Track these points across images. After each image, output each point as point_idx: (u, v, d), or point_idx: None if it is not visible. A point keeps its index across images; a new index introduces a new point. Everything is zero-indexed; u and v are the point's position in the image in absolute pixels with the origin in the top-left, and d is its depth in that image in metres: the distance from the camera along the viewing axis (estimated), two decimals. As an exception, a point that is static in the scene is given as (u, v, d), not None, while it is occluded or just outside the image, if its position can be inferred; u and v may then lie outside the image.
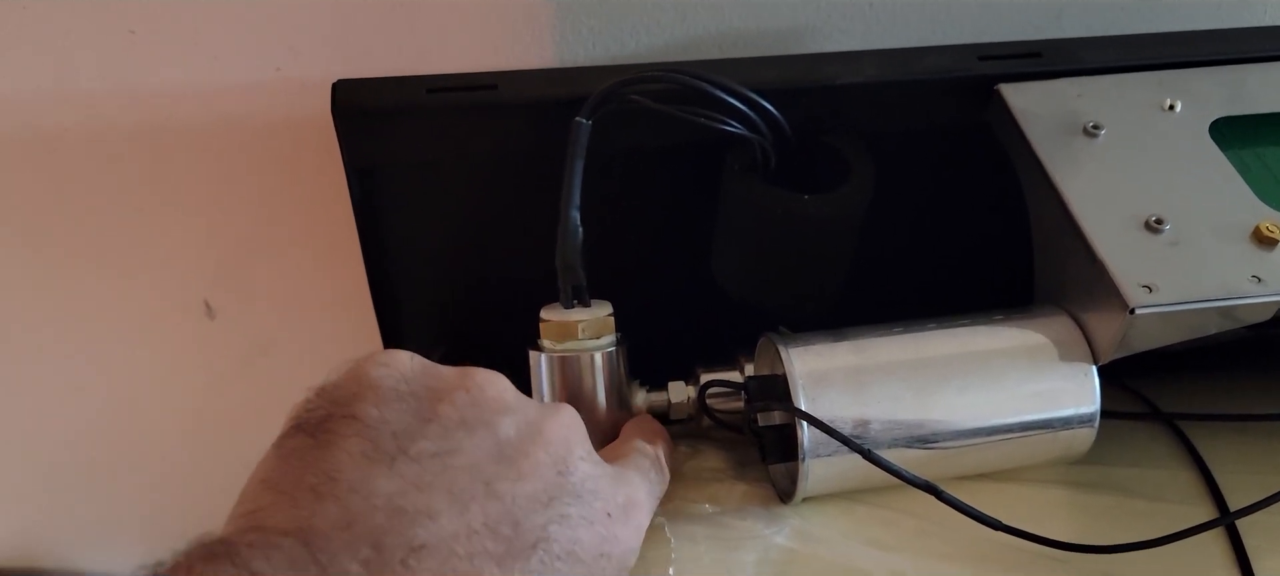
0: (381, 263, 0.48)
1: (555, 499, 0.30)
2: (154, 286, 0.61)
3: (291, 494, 0.26)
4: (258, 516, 0.26)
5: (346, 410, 0.29)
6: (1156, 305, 0.36)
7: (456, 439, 0.29)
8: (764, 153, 0.43)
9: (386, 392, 0.29)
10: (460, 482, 0.28)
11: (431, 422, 0.29)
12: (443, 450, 0.28)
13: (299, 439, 0.28)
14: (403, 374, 0.30)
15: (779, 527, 0.40)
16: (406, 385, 0.30)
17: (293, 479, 0.27)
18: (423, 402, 0.30)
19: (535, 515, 0.29)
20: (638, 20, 0.51)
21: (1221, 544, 0.39)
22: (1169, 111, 0.44)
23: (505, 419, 0.30)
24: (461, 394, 0.30)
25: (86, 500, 0.75)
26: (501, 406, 0.31)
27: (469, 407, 0.30)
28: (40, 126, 0.53)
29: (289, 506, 0.26)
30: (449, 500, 0.27)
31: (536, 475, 0.29)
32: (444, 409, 0.30)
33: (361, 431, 0.28)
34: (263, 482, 0.27)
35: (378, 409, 0.29)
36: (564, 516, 0.29)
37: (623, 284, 0.42)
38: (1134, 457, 0.44)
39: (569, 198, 0.40)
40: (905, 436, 0.38)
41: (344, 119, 0.43)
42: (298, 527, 0.25)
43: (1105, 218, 0.39)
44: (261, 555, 0.24)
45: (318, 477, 0.27)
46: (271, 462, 0.28)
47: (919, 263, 0.50)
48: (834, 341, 0.40)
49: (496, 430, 0.30)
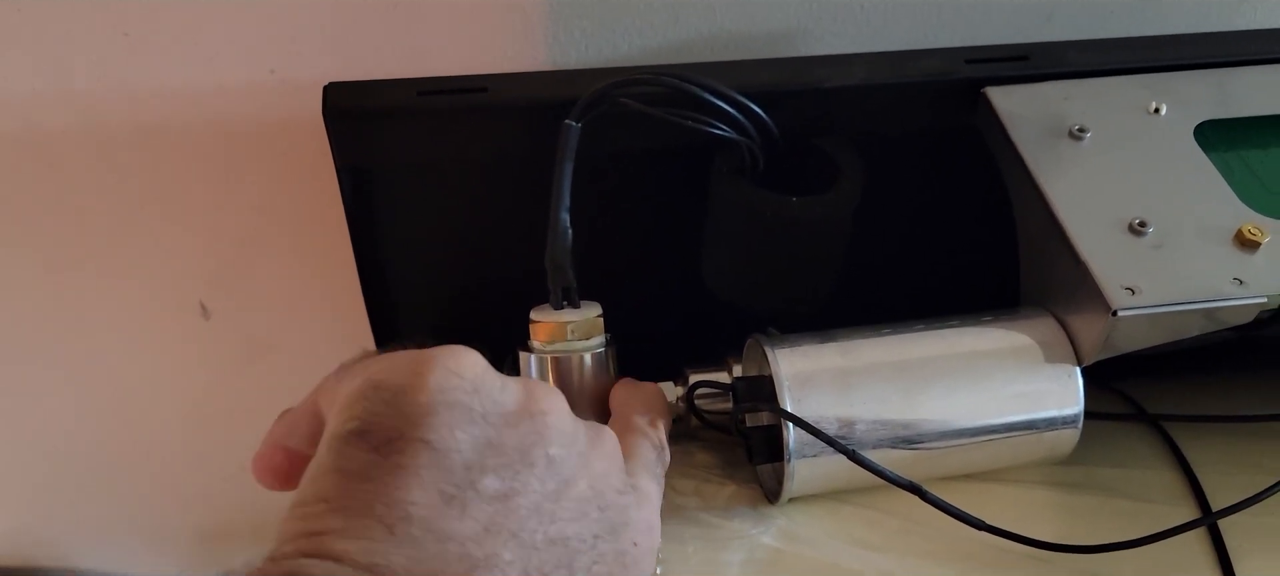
0: (373, 264, 0.48)
1: (599, 537, 0.29)
2: (149, 287, 0.61)
3: (362, 521, 0.25)
4: (326, 542, 0.25)
5: (419, 432, 0.27)
6: (1139, 307, 0.36)
7: (521, 476, 0.28)
8: (752, 155, 0.43)
9: (459, 412, 0.28)
10: (526, 527, 0.27)
11: (498, 454, 0.28)
12: (509, 491, 0.28)
13: (364, 453, 0.27)
14: (474, 385, 0.29)
15: (765, 527, 0.41)
16: (478, 402, 0.29)
17: (361, 504, 0.26)
18: (492, 427, 0.29)
19: (583, 555, 0.29)
20: (630, 22, 0.52)
21: (1204, 544, 0.40)
22: (1154, 114, 0.44)
23: (563, 452, 0.30)
24: (526, 421, 0.29)
25: (83, 499, 0.75)
26: (560, 436, 0.30)
27: (531, 436, 0.29)
28: (35, 127, 0.53)
29: (360, 537, 0.25)
30: (516, 547, 0.27)
31: (583, 514, 0.29)
32: (509, 435, 0.29)
33: (434, 461, 0.27)
34: (326, 500, 0.26)
35: (450, 432, 0.27)
36: (603, 555, 0.29)
37: (612, 285, 0.43)
38: (1119, 458, 0.44)
39: (558, 199, 0.40)
40: (890, 437, 0.39)
41: (335, 121, 0.43)
42: (370, 565, 0.25)
43: (1089, 220, 0.39)
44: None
45: (389, 510, 0.26)
46: (333, 477, 0.27)
47: (906, 264, 0.51)
48: (820, 342, 0.40)
49: (555, 465, 0.29)
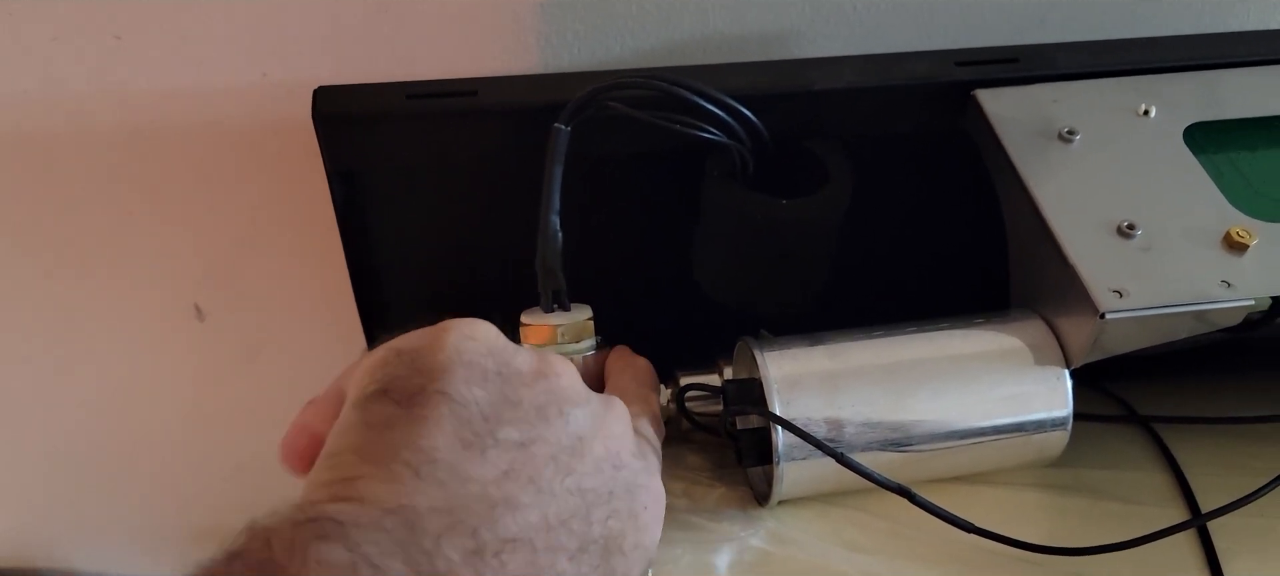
0: (365, 267, 0.48)
1: (614, 495, 0.30)
2: (144, 289, 0.61)
3: (388, 467, 0.26)
4: (355, 487, 0.26)
5: (439, 384, 0.28)
6: (1127, 310, 0.36)
7: (538, 428, 0.29)
8: (743, 158, 0.43)
9: (475, 368, 0.29)
10: (544, 474, 0.28)
11: (517, 407, 0.29)
12: (527, 439, 0.29)
13: (388, 407, 0.28)
14: (489, 347, 0.30)
15: (755, 530, 0.41)
16: (492, 361, 0.30)
17: (387, 451, 0.27)
18: (507, 383, 0.30)
19: (598, 509, 0.29)
20: (622, 24, 0.52)
21: (1193, 546, 0.40)
22: (1144, 117, 0.44)
23: (577, 410, 0.31)
24: (540, 380, 0.30)
25: (80, 500, 0.76)
26: (574, 397, 0.31)
27: (546, 394, 0.30)
28: (27, 130, 0.53)
29: (387, 481, 0.26)
30: (534, 492, 0.28)
31: (598, 470, 0.30)
32: (525, 393, 0.30)
33: (453, 412, 0.28)
34: (354, 450, 0.27)
35: (468, 387, 0.29)
36: (617, 511, 0.30)
37: (603, 288, 0.43)
38: (1108, 460, 0.44)
39: (548, 203, 0.40)
40: (879, 439, 0.39)
41: (325, 125, 0.43)
42: (399, 506, 0.25)
43: (1078, 222, 0.39)
44: (371, 538, 0.24)
45: (414, 455, 0.26)
46: (359, 430, 0.28)
47: (896, 267, 0.51)
48: (809, 345, 0.40)
49: (569, 421, 0.30)
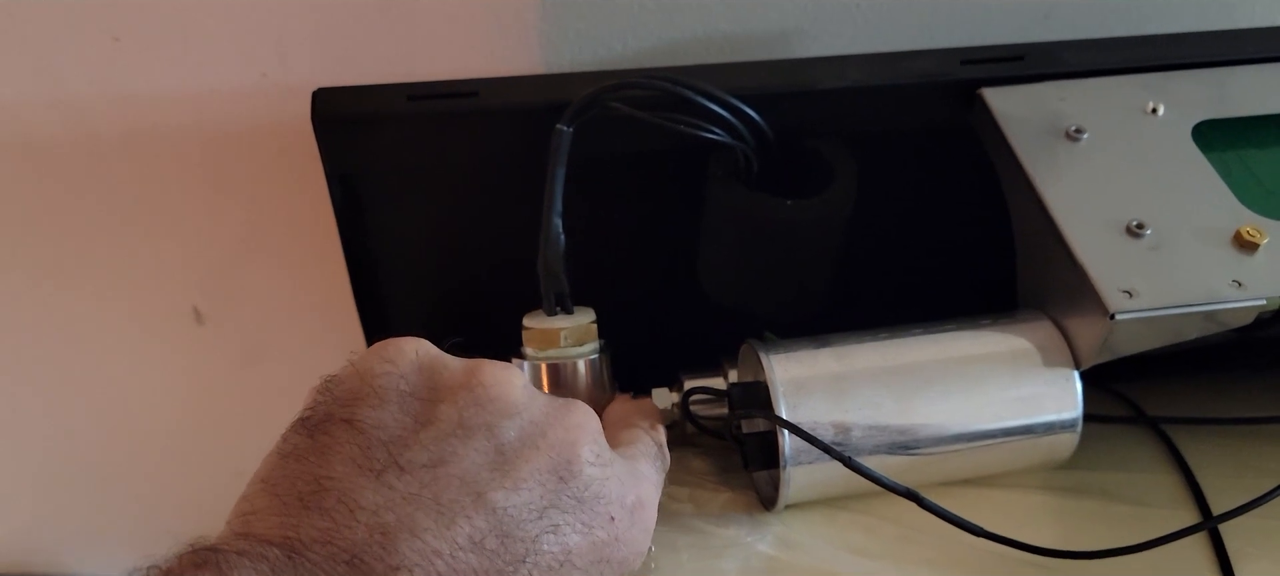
0: (365, 269, 0.48)
1: (550, 508, 0.29)
2: (143, 292, 0.61)
3: (283, 499, 0.26)
4: (251, 521, 0.26)
5: (345, 412, 0.28)
6: (1137, 310, 0.36)
7: (451, 446, 0.28)
8: (747, 158, 0.43)
9: (387, 393, 0.29)
10: (449, 495, 0.27)
11: (428, 426, 0.28)
12: (435, 459, 0.28)
13: (299, 438, 0.28)
14: (404, 371, 0.30)
15: (762, 535, 0.40)
16: (407, 382, 0.29)
17: (287, 483, 0.27)
18: (423, 404, 0.29)
19: (526, 526, 0.28)
20: (624, 24, 0.51)
21: (1204, 548, 0.39)
22: (1151, 115, 0.43)
23: (507, 422, 0.29)
24: (464, 393, 0.29)
25: (78, 505, 0.75)
26: (506, 408, 0.30)
27: (470, 408, 0.29)
28: (25, 133, 0.53)
29: (279, 512, 0.26)
30: (435, 514, 0.27)
31: (533, 481, 0.29)
32: (443, 410, 0.29)
33: (354, 437, 0.28)
34: (263, 482, 0.27)
35: (376, 411, 0.28)
36: (556, 526, 0.28)
37: (606, 290, 0.42)
38: (1117, 461, 0.44)
39: (551, 204, 0.40)
40: (887, 442, 0.38)
41: (324, 127, 0.43)
42: (283, 538, 0.25)
43: (1086, 222, 0.39)
44: (249, 564, 0.24)
45: (307, 485, 0.27)
46: (273, 461, 0.28)
47: (902, 267, 0.50)
48: (816, 348, 0.40)
49: (496, 434, 0.29)
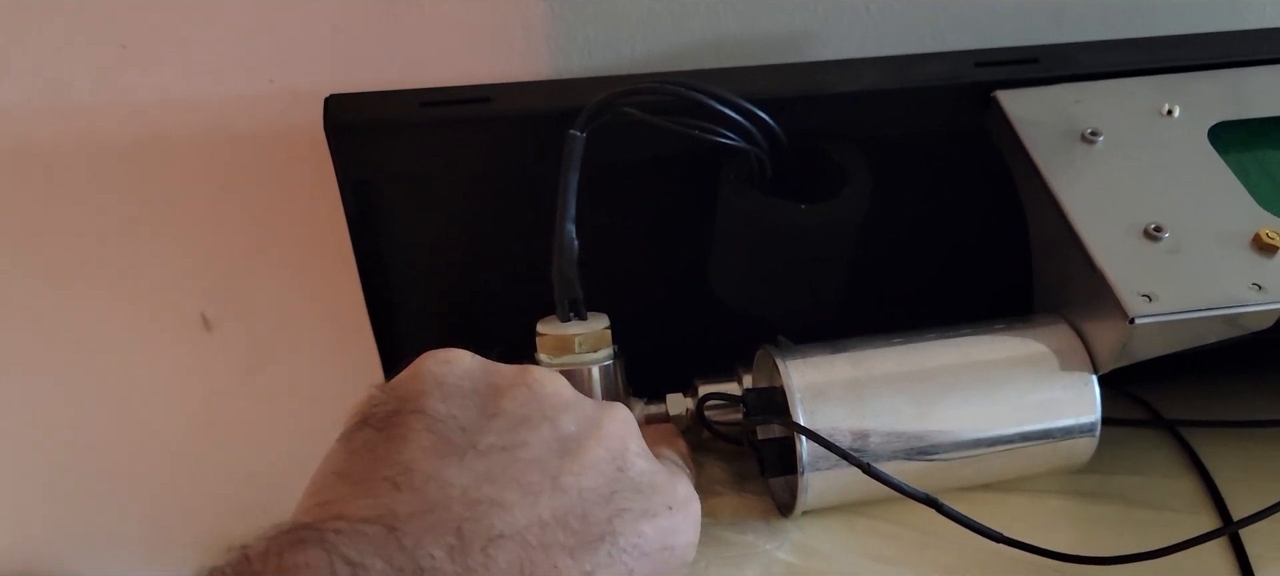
0: (377, 275, 0.47)
1: (616, 493, 0.30)
2: (150, 299, 0.61)
3: (367, 484, 0.27)
4: (336, 506, 0.27)
5: (414, 405, 0.29)
6: (1156, 315, 0.36)
7: (520, 434, 0.30)
8: (760, 163, 0.42)
9: (451, 388, 0.30)
10: (529, 475, 0.28)
11: (496, 418, 0.30)
12: (509, 444, 0.29)
13: (367, 433, 0.29)
14: (465, 370, 0.31)
15: (780, 542, 0.40)
16: (469, 381, 0.31)
17: (366, 471, 0.28)
18: (485, 398, 0.30)
19: (600, 508, 0.29)
20: (633, 28, 0.51)
21: (1226, 553, 0.39)
22: (1167, 117, 0.43)
23: (565, 415, 0.31)
24: (522, 390, 0.31)
25: (85, 511, 0.75)
26: (561, 403, 0.31)
27: (530, 403, 0.31)
28: (34, 140, 0.53)
29: (367, 495, 0.27)
30: (520, 492, 0.28)
31: (597, 469, 0.30)
32: (506, 404, 0.30)
33: (430, 426, 0.29)
34: (336, 475, 0.28)
35: (444, 404, 0.30)
36: (626, 510, 0.30)
37: (619, 296, 0.42)
38: (1135, 466, 0.43)
39: (564, 210, 0.40)
40: (905, 448, 0.38)
41: (337, 133, 0.43)
42: (379, 515, 0.26)
43: (1104, 225, 0.39)
44: (348, 541, 0.24)
45: (392, 469, 0.27)
46: (341, 456, 0.29)
47: (917, 271, 0.50)
48: (832, 353, 0.40)
49: (558, 425, 0.31)
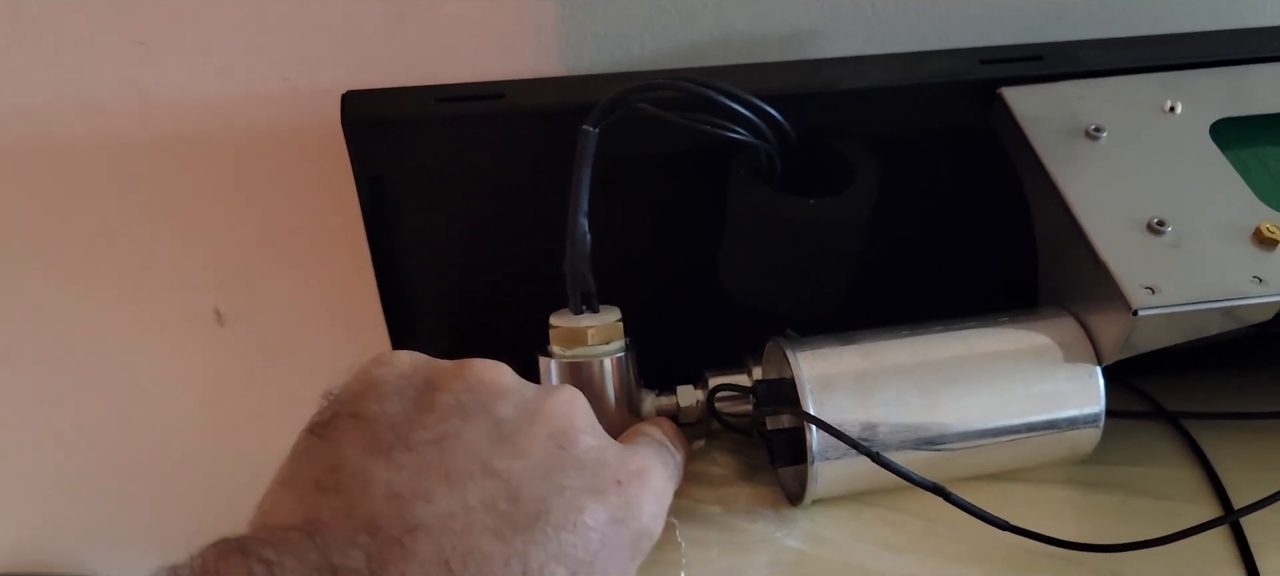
0: (391, 270, 0.48)
1: (555, 471, 0.31)
2: (164, 293, 0.61)
3: (300, 490, 0.28)
4: (270, 514, 0.28)
5: (350, 409, 0.31)
6: (1159, 306, 0.36)
7: (453, 425, 0.30)
8: (769, 158, 0.43)
9: (387, 389, 0.31)
10: (456, 464, 0.29)
11: (429, 412, 0.31)
12: (439, 436, 0.30)
13: (308, 440, 0.30)
14: (402, 370, 0.32)
15: (789, 530, 0.41)
16: (405, 380, 0.32)
17: (301, 476, 0.29)
18: (421, 394, 0.31)
19: (535, 486, 0.30)
20: (642, 25, 0.52)
21: (1226, 541, 0.40)
22: (1170, 113, 0.44)
23: (502, 401, 0.32)
24: (458, 382, 0.32)
25: (97, 505, 0.75)
26: (497, 390, 0.32)
27: (465, 393, 0.32)
28: (51, 137, 0.53)
29: (297, 501, 0.28)
30: (445, 482, 0.29)
31: (535, 449, 0.31)
32: (441, 398, 0.31)
33: (362, 427, 0.30)
34: (278, 483, 0.29)
35: (378, 404, 0.31)
36: (565, 488, 0.30)
37: (631, 289, 0.43)
38: (1138, 456, 0.44)
39: (577, 205, 0.40)
40: (912, 438, 0.39)
41: (354, 129, 0.43)
42: (303, 520, 0.27)
43: (1108, 219, 0.39)
44: (270, 547, 0.25)
45: (321, 472, 0.29)
46: (286, 464, 0.30)
47: (924, 265, 0.51)
48: (841, 345, 0.40)
49: (493, 412, 0.31)
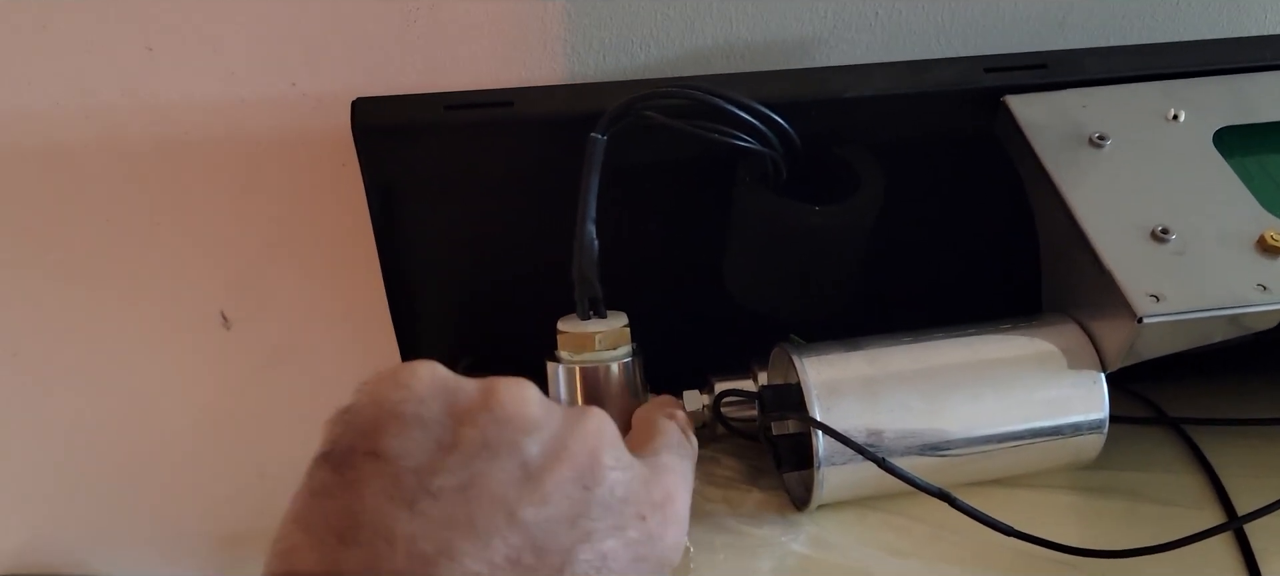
0: (399, 275, 0.48)
1: (580, 516, 0.29)
2: (171, 296, 0.61)
3: (319, 536, 0.27)
4: (291, 558, 0.27)
5: (367, 444, 0.28)
6: (1164, 314, 0.37)
7: (479, 467, 0.29)
8: (775, 165, 0.43)
9: (407, 420, 0.29)
10: (482, 516, 0.28)
11: (453, 452, 0.29)
12: (464, 482, 0.28)
13: (325, 474, 0.28)
14: (421, 395, 0.30)
15: (795, 534, 0.41)
16: (426, 409, 0.29)
17: (319, 520, 0.27)
18: (444, 428, 0.29)
19: (559, 537, 0.28)
20: (647, 32, 0.52)
21: (1230, 548, 0.40)
22: (1173, 121, 0.44)
23: (529, 438, 0.30)
24: (484, 414, 0.30)
25: (102, 506, 0.76)
26: (526, 424, 0.30)
27: (492, 427, 0.29)
28: (61, 140, 0.54)
29: (317, 549, 0.27)
30: (470, 536, 0.27)
31: (560, 494, 0.29)
32: (466, 433, 0.29)
33: (382, 469, 0.28)
34: (294, 521, 0.28)
35: (398, 439, 0.28)
36: (590, 533, 0.29)
37: (638, 295, 0.43)
38: (1141, 462, 0.44)
39: (585, 211, 0.41)
40: (918, 444, 0.39)
41: (364, 135, 0.44)
42: (325, 573, 0.26)
43: (1112, 227, 0.40)
44: None
45: (342, 520, 0.27)
46: (303, 498, 0.28)
47: (928, 271, 0.51)
48: (847, 351, 0.40)
49: (521, 451, 0.29)
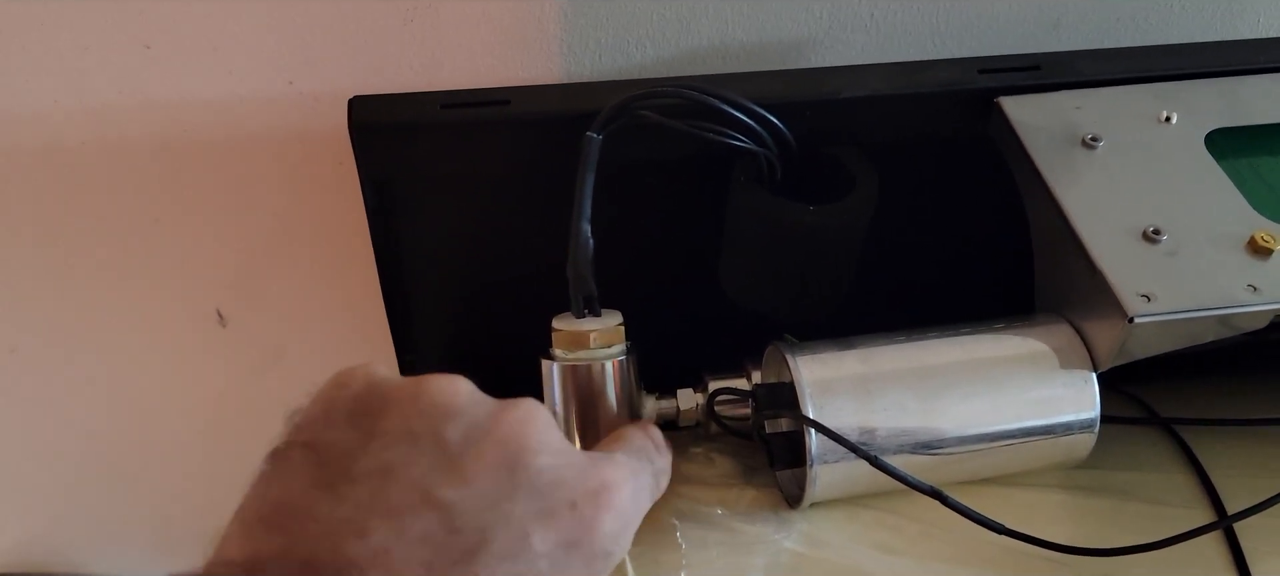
0: (395, 274, 0.48)
1: (503, 500, 0.30)
2: (167, 295, 0.61)
3: (248, 524, 0.28)
4: (224, 548, 0.28)
5: (302, 436, 0.30)
6: (1155, 314, 0.37)
7: (399, 452, 0.30)
8: (770, 165, 0.44)
9: (339, 413, 0.31)
10: (398, 496, 0.29)
11: (376, 438, 0.30)
12: (385, 465, 0.29)
13: (264, 467, 0.30)
14: (356, 392, 0.31)
15: (787, 532, 0.41)
16: (359, 402, 0.31)
17: (253, 509, 0.29)
18: (373, 418, 0.30)
19: (477, 517, 0.29)
20: (643, 32, 0.52)
21: (1220, 547, 0.40)
22: (1165, 123, 0.44)
23: (451, 423, 0.31)
24: (410, 404, 0.31)
25: (99, 505, 0.76)
26: (449, 411, 0.31)
27: (415, 417, 0.31)
28: (57, 138, 0.54)
29: (244, 536, 0.28)
30: (385, 515, 0.28)
31: (483, 477, 0.30)
32: (389, 423, 0.30)
33: (310, 457, 0.29)
34: (234, 515, 0.29)
35: (329, 431, 0.30)
36: (509, 516, 0.29)
37: (632, 293, 0.43)
38: (1132, 462, 0.45)
39: (580, 210, 0.41)
40: (910, 443, 0.39)
41: (361, 134, 0.44)
42: (246, 558, 0.27)
43: (1104, 228, 0.40)
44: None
45: (269, 507, 0.28)
46: (246, 493, 0.29)
47: (922, 271, 0.51)
48: (840, 350, 0.41)
49: (441, 436, 0.30)
